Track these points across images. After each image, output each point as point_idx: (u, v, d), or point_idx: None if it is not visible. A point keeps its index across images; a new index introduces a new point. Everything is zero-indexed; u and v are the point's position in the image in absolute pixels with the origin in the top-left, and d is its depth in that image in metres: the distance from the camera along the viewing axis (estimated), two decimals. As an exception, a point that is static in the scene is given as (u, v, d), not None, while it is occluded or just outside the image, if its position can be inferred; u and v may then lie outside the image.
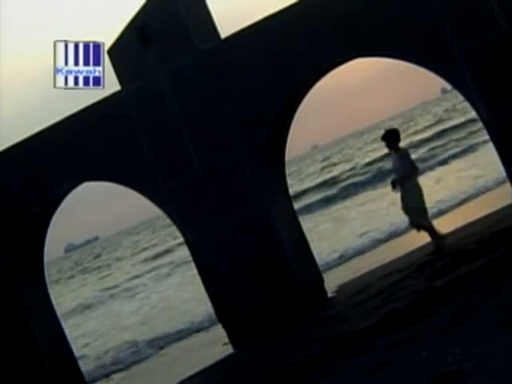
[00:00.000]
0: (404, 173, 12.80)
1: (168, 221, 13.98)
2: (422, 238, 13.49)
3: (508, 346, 6.47)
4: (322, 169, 68.24)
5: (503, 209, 13.98)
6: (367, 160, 54.00)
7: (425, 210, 12.90)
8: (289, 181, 13.69)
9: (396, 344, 8.01)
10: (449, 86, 12.53)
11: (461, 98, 12.23)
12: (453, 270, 10.53)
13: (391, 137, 13.07)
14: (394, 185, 12.96)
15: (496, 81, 10.89)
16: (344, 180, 47.26)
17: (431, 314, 8.67)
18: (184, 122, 12.55)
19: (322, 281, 13.14)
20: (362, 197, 34.95)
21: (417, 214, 12.81)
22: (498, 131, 11.07)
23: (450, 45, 11.00)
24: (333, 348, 8.96)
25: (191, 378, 11.76)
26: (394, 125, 39.19)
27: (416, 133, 65.61)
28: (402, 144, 13.53)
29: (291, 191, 15.18)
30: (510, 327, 7.04)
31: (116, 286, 37.38)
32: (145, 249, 62.34)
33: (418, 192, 12.82)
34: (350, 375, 7.71)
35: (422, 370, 6.79)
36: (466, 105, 12.96)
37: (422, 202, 12.84)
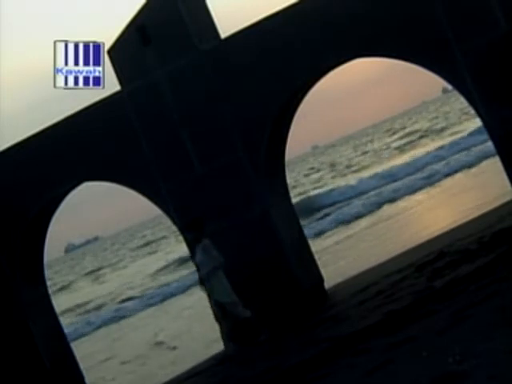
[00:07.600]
0: (210, 266, 11.42)
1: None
2: (421, 238, 13.47)
3: (508, 346, 6.47)
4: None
5: (503, 208, 13.97)
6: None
7: (236, 302, 11.57)
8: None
9: (396, 344, 7.99)
10: (450, 86, 12.51)
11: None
12: (453, 269, 10.53)
13: (197, 226, 11.61)
14: (202, 282, 11.54)
15: (496, 81, 10.90)
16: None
17: (431, 314, 8.65)
18: (184, 122, 12.56)
19: (322, 281, 13.14)
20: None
21: (233, 307, 11.51)
22: (497, 131, 11.07)
23: (450, 45, 11.00)
24: (333, 348, 8.95)
25: (191, 377, 11.75)
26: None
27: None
28: None
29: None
30: (510, 327, 7.04)
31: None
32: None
33: (226, 285, 11.50)
34: (350, 375, 7.70)
35: (422, 370, 6.78)
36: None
37: (232, 293, 11.54)
